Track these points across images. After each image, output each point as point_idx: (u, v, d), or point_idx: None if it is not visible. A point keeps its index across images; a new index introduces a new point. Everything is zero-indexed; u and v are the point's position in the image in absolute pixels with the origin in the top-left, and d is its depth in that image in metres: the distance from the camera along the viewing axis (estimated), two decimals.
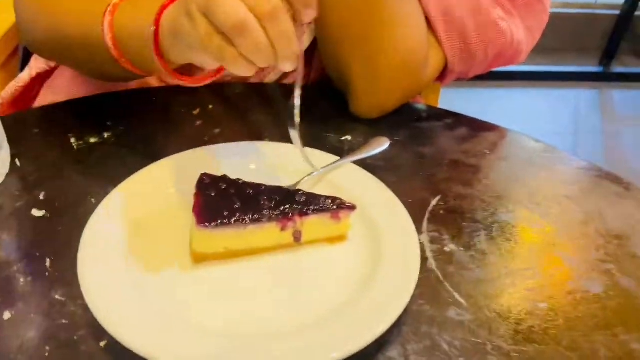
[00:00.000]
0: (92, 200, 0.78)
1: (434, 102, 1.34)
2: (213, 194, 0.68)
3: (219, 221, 0.65)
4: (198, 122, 0.97)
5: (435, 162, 0.93)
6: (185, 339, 0.51)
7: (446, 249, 0.76)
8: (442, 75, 1.03)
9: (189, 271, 0.63)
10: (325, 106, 1.02)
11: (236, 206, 0.68)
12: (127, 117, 0.96)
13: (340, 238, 0.73)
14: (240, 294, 0.65)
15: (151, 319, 0.59)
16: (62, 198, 0.78)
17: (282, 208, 0.68)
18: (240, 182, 0.72)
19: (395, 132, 0.99)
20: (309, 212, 0.70)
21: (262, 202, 0.69)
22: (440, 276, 0.68)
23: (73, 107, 0.92)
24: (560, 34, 3.32)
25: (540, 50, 1.19)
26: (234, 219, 0.66)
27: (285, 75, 1.07)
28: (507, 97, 2.94)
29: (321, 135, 0.97)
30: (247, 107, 1.02)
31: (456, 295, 0.65)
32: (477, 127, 1.05)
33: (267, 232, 0.62)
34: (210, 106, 1.00)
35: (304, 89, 0.71)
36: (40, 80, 1.08)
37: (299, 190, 0.71)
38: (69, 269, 0.60)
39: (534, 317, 0.65)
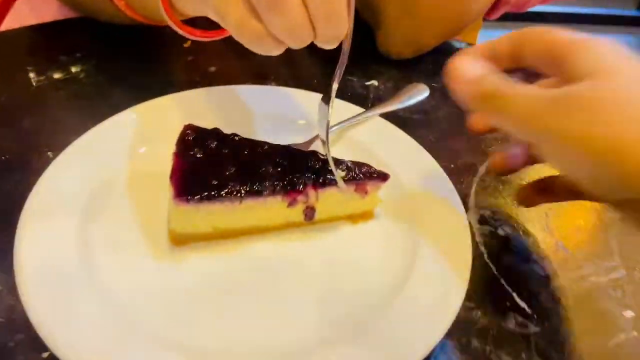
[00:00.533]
0: (49, 154, 0.61)
1: (472, 40, 1.14)
2: (198, 155, 0.51)
3: (205, 194, 0.48)
4: (189, 58, 0.79)
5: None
6: None
7: (500, 231, 0.60)
8: (493, 6, 0.83)
9: (163, 258, 0.52)
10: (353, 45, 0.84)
11: (229, 172, 0.50)
12: (100, 48, 0.78)
13: (365, 216, 0.57)
14: (232, 294, 0.49)
15: (108, 330, 0.43)
16: (12, 149, 0.62)
17: (290, 176, 0.51)
18: (236, 138, 0.54)
19: (432, 78, 0.81)
20: (325, 182, 0.52)
21: (264, 168, 0.51)
22: (493, 269, 0.56)
23: (34, 34, 0.73)
24: None
25: None
26: (224, 191, 0.49)
27: None
28: None
29: (342, 78, 0.78)
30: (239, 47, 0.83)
31: (516, 297, 0.53)
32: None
33: (269, 208, 0.47)
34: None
35: None
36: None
37: (313, 152, 0.53)
38: (11, 246, 0.48)
39: (622, 330, 0.49)
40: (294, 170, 0.53)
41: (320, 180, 0.53)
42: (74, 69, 0.75)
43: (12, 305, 0.48)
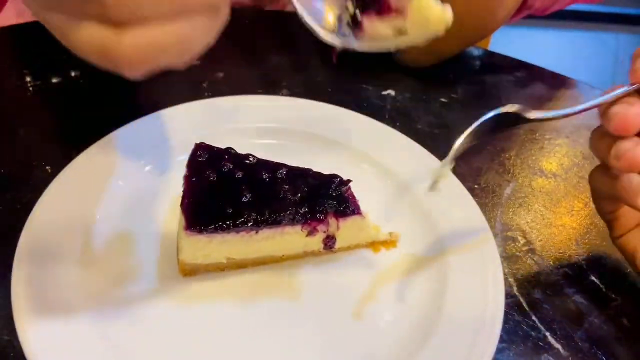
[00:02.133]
0: (48, 168, 0.57)
1: (484, 44, 1.10)
2: (211, 179, 0.47)
3: (219, 224, 0.44)
4: (195, 62, 0.73)
5: (506, 133, 0.70)
6: None
7: (530, 261, 0.56)
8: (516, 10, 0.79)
9: (171, 292, 0.48)
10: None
11: (245, 199, 0.46)
12: None
13: (388, 244, 0.52)
14: (246, 333, 0.45)
15: None
16: (7, 164, 0.57)
17: (310, 204, 0.47)
18: (252, 159, 0.50)
19: (451, 88, 0.77)
20: (348, 211, 0.48)
21: (283, 194, 0.47)
22: (524, 304, 0.53)
23: (31, 33, 0.67)
24: None
25: None
26: (240, 221, 0.45)
27: None
28: (543, 37, 2.64)
29: (355, 87, 0.74)
30: (261, 44, 0.78)
31: (549, 336, 0.50)
32: (557, 83, 0.81)
33: (287, 238, 0.44)
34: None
35: None
36: None
37: (334, 176, 0.49)
38: (6, 269, 0.45)
39: None
40: (314, 197, 0.49)
41: (342, 208, 0.49)
42: (73, 73, 0.70)
43: (7, 342, 0.44)
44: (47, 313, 0.42)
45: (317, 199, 0.48)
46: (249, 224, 0.46)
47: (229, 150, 0.51)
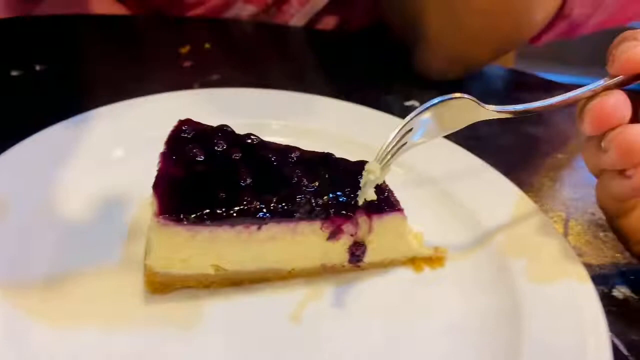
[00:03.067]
0: None
1: (509, 63, 1.01)
2: (199, 159, 0.34)
3: (206, 211, 0.30)
4: (186, 64, 0.63)
5: (553, 148, 0.59)
6: None
7: (616, 293, 0.42)
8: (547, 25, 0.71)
9: (132, 317, 0.34)
10: (379, 59, 0.73)
11: (244, 184, 0.33)
12: (78, 47, 0.62)
13: (433, 261, 0.39)
14: None
15: None
16: None
17: (334, 194, 0.34)
18: (254, 140, 0.37)
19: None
20: (384, 206, 0.35)
21: (297, 179, 0.34)
22: (622, 348, 0.40)
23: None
24: None
25: None
26: (236, 209, 0.31)
27: (317, 18, 0.79)
28: None
29: (377, 96, 0.64)
30: (259, 53, 0.72)
31: None
32: None
33: (301, 240, 0.28)
34: (207, 45, 0.65)
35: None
36: None
37: (364, 163, 0.36)
38: None
39: None
40: (338, 186, 0.35)
41: (377, 203, 0.36)
42: (37, 67, 0.58)
43: None
44: None
45: (343, 189, 0.35)
46: (249, 215, 0.32)
47: (223, 127, 0.38)
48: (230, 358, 0.32)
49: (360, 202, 0.35)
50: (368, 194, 0.35)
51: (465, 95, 0.36)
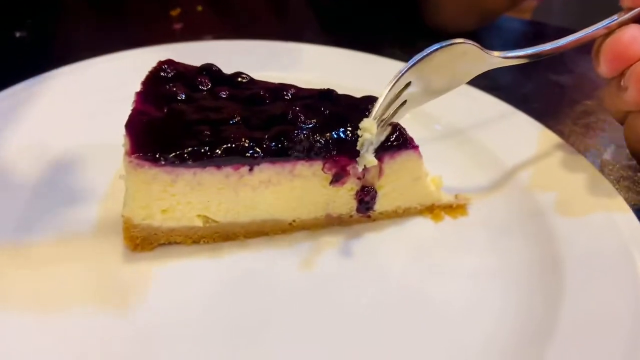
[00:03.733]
0: None
1: (526, 15, 0.98)
2: (180, 97, 0.29)
3: (188, 149, 0.26)
4: (177, 26, 0.58)
5: (580, 94, 0.53)
6: None
7: None
8: None
9: (110, 277, 0.30)
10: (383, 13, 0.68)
11: (233, 121, 0.28)
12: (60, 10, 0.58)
13: (456, 210, 0.34)
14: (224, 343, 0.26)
15: None
16: None
17: (338, 130, 0.29)
18: (245, 78, 0.32)
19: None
20: (396, 143, 0.30)
21: (293, 116, 0.29)
22: None
23: None
24: None
25: None
26: (224, 147, 0.27)
27: None
28: None
29: (383, 49, 0.58)
30: (255, 12, 0.67)
31: None
32: None
33: (300, 184, 0.25)
34: (199, 7, 0.61)
35: None
36: None
37: (372, 98, 0.31)
38: None
39: None
40: (342, 121, 0.31)
41: (387, 140, 0.31)
42: (18, 34, 0.55)
43: None
44: None
45: (347, 125, 0.30)
46: (238, 154, 0.28)
47: (209, 66, 0.34)
48: (224, 319, 0.27)
49: (360, 168, 0.30)
50: (367, 158, 0.30)
51: (468, 41, 0.32)
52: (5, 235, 0.30)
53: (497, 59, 0.33)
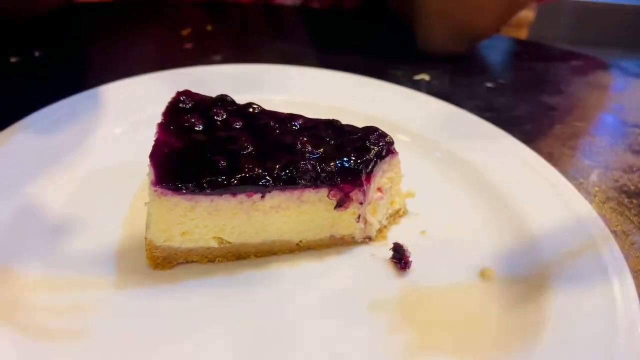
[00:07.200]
0: None
1: (522, 35, 0.98)
2: (198, 128, 0.32)
3: (207, 179, 0.29)
4: (187, 45, 0.61)
5: (570, 116, 0.56)
6: None
7: None
8: None
9: (135, 290, 0.33)
10: (379, 36, 0.72)
11: (246, 152, 0.31)
12: (75, 33, 0.61)
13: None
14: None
15: None
16: None
17: (341, 160, 0.32)
18: (256, 109, 0.35)
19: (499, 74, 0.63)
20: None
21: (301, 146, 0.32)
22: None
23: None
24: None
25: None
26: (238, 177, 0.29)
27: None
28: None
29: (385, 71, 0.62)
30: (260, 32, 0.71)
31: None
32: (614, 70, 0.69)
33: (307, 209, 0.30)
34: (209, 27, 0.64)
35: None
36: None
37: (374, 129, 0.34)
38: None
39: None
40: (345, 153, 0.34)
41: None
42: (37, 53, 0.57)
43: None
44: None
45: (350, 155, 0.33)
46: (251, 183, 0.31)
47: (224, 97, 0.36)
48: (231, 339, 0.30)
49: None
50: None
51: None
52: (36, 254, 0.33)
53: None
